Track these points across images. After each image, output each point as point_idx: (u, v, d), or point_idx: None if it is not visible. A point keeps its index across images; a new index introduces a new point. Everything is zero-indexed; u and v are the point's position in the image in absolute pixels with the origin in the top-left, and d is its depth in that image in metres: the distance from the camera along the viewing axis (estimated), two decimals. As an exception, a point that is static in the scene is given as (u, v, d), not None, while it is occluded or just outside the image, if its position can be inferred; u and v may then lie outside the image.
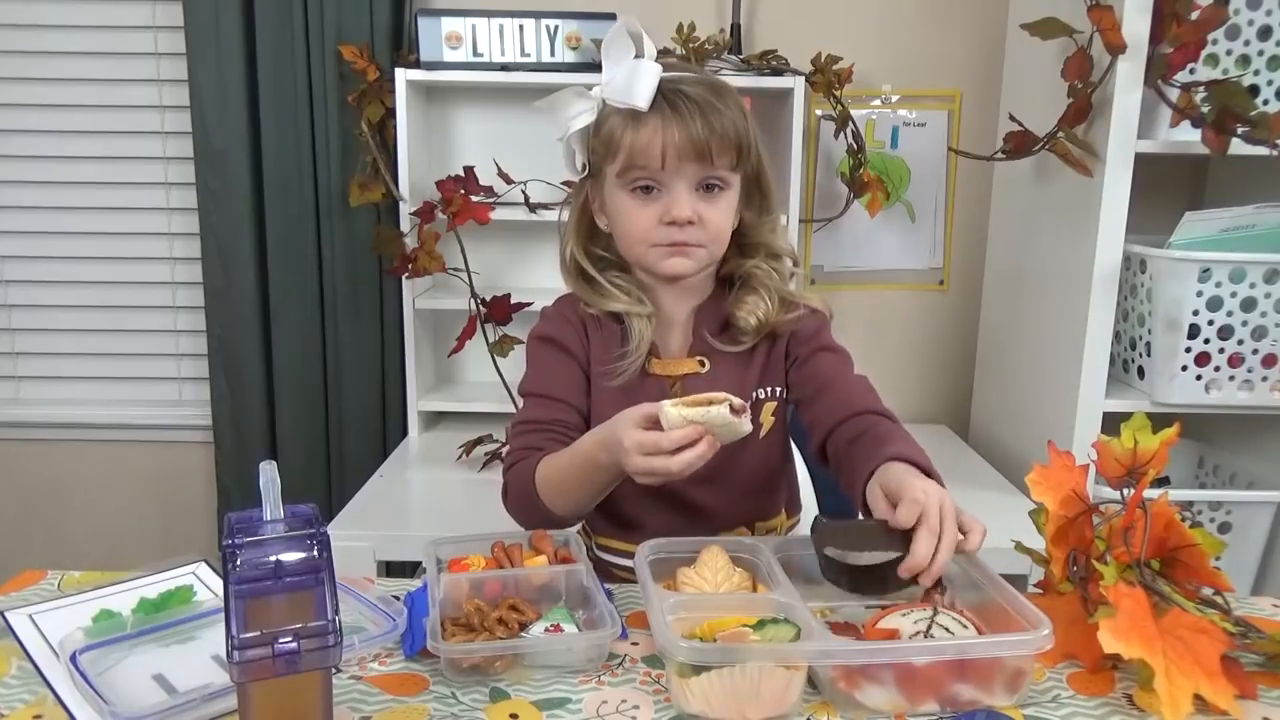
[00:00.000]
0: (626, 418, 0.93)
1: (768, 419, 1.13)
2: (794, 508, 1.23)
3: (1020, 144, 1.77)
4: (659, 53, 1.95)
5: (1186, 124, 1.58)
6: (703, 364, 1.12)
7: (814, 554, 0.94)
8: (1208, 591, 0.88)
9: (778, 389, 1.14)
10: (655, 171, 1.04)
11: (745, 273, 1.12)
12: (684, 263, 1.07)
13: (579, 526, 1.22)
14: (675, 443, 0.88)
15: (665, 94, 1.03)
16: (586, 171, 1.11)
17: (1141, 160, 1.61)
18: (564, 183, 1.90)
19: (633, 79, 1.02)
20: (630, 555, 1.13)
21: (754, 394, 1.13)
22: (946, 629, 0.83)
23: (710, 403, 0.87)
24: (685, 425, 0.87)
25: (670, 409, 0.87)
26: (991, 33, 2.07)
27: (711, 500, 1.13)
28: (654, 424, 0.91)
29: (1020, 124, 1.78)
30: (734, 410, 0.87)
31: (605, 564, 1.17)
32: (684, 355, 1.13)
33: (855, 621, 0.92)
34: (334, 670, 0.71)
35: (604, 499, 1.06)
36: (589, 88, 1.08)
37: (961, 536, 0.87)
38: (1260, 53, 1.61)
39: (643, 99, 1.02)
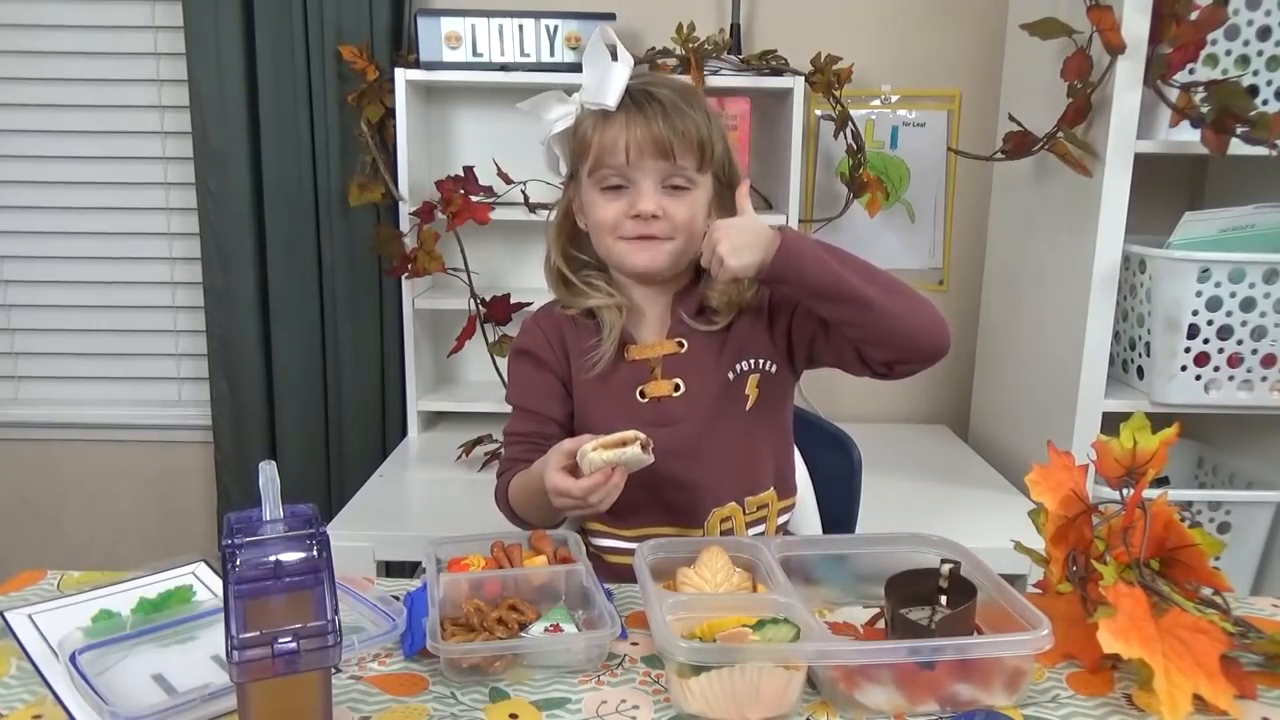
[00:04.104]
0: (551, 455, 1.00)
1: (752, 391, 1.16)
2: (787, 488, 1.23)
3: (1020, 144, 1.77)
4: (659, 53, 1.97)
5: (1186, 124, 1.58)
6: (681, 345, 1.16)
7: (814, 555, 0.97)
8: (1207, 591, 0.88)
9: (761, 361, 1.16)
10: (621, 167, 1.09)
11: None
12: (653, 257, 1.12)
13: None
14: (585, 490, 0.96)
15: (633, 94, 1.10)
16: (569, 175, 1.18)
17: (1141, 160, 1.61)
18: (562, 183, 1.90)
19: (603, 80, 1.09)
20: (620, 540, 1.16)
21: (735, 367, 1.15)
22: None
23: (624, 443, 0.96)
24: (602, 466, 0.95)
25: (591, 454, 0.96)
26: (991, 33, 2.07)
27: (698, 475, 1.14)
28: (573, 459, 0.98)
29: (1020, 124, 1.78)
30: (643, 447, 0.97)
31: (598, 553, 1.18)
32: (662, 339, 1.17)
33: (855, 621, 0.93)
34: (333, 670, 0.71)
35: None
36: (569, 93, 1.14)
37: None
38: (1260, 53, 1.61)
39: (611, 98, 1.08)
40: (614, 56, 1.10)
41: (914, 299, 1.05)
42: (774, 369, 1.17)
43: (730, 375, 1.15)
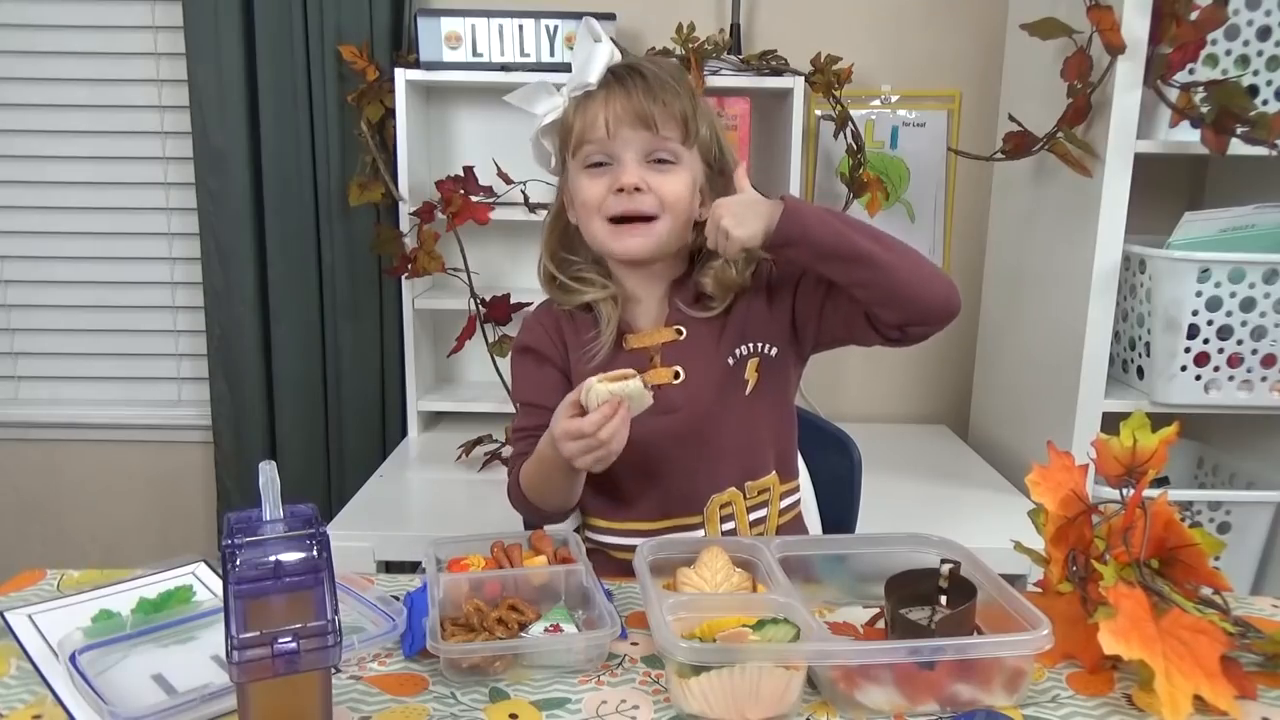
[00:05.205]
0: (559, 409, 1.00)
1: (751, 375, 1.15)
2: (789, 472, 1.22)
3: (1020, 144, 1.77)
4: (659, 53, 1.97)
5: (1186, 124, 1.58)
6: (680, 332, 1.16)
7: (814, 555, 0.97)
8: (1207, 591, 0.88)
9: (761, 345, 1.15)
10: (604, 143, 1.08)
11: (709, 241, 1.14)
12: (640, 243, 1.10)
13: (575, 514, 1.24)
14: (595, 424, 0.95)
15: (614, 71, 1.10)
16: (560, 170, 1.17)
17: (1141, 160, 1.61)
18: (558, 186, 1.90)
19: (586, 62, 1.09)
20: (621, 534, 1.16)
21: (734, 351, 1.14)
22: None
23: (624, 378, 0.97)
24: (606, 399, 0.95)
25: (597, 385, 0.96)
26: (991, 33, 2.07)
27: (697, 461, 1.13)
28: (579, 409, 0.98)
29: (1020, 124, 1.78)
30: (645, 385, 0.98)
31: (596, 547, 1.18)
32: (660, 328, 1.16)
33: (855, 622, 0.93)
34: (333, 670, 0.71)
35: (597, 476, 1.09)
36: (559, 86, 1.14)
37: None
38: (1259, 53, 1.61)
39: (593, 76, 1.09)
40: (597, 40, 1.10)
41: (921, 259, 1.03)
42: (774, 352, 1.15)
43: (730, 360, 1.14)
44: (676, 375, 1.14)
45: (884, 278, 1.01)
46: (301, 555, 0.67)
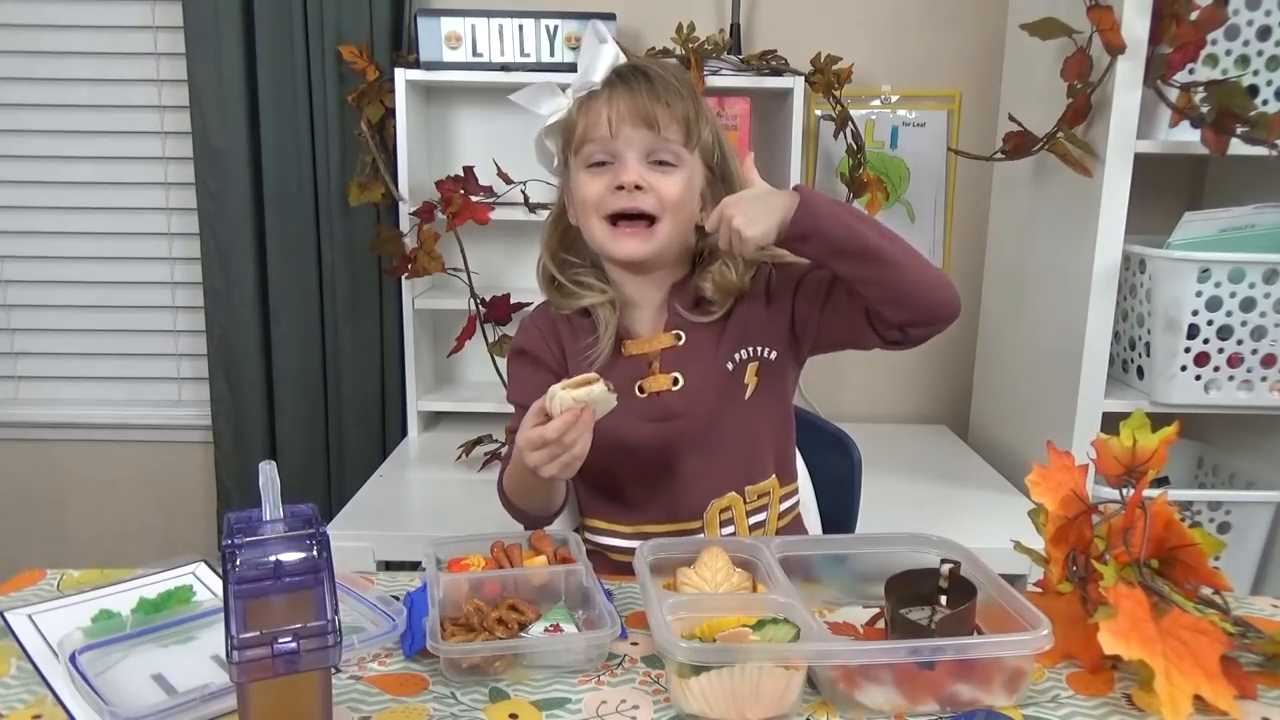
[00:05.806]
0: (524, 419, 0.99)
1: (751, 379, 1.14)
2: (788, 475, 1.22)
3: (1020, 144, 1.77)
4: (659, 53, 1.97)
5: (1186, 124, 1.58)
6: (679, 337, 1.15)
7: (814, 555, 0.97)
8: (1207, 591, 0.88)
9: (761, 349, 1.14)
10: (606, 141, 1.08)
11: (710, 244, 1.13)
12: (639, 245, 1.09)
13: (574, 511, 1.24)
14: (558, 430, 0.93)
15: (619, 72, 1.10)
16: (563, 171, 1.17)
17: (1141, 160, 1.61)
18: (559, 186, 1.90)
19: (591, 62, 1.09)
20: (619, 537, 1.16)
21: (734, 356, 1.14)
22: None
23: (587, 383, 0.95)
24: (570, 406, 0.93)
25: (560, 392, 0.94)
26: (991, 33, 2.07)
27: (697, 467, 1.13)
28: (548, 418, 0.96)
29: (1019, 124, 1.78)
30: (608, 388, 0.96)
31: (596, 549, 1.18)
32: (659, 333, 1.15)
33: (855, 622, 0.93)
34: (333, 670, 0.71)
35: (598, 480, 1.09)
36: (564, 88, 1.13)
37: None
38: (1259, 53, 1.61)
39: (598, 75, 1.09)
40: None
41: (924, 260, 1.03)
42: (773, 356, 1.15)
43: (729, 365, 1.13)
44: (675, 381, 1.13)
45: (893, 275, 1.00)
46: (301, 555, 0.67)
